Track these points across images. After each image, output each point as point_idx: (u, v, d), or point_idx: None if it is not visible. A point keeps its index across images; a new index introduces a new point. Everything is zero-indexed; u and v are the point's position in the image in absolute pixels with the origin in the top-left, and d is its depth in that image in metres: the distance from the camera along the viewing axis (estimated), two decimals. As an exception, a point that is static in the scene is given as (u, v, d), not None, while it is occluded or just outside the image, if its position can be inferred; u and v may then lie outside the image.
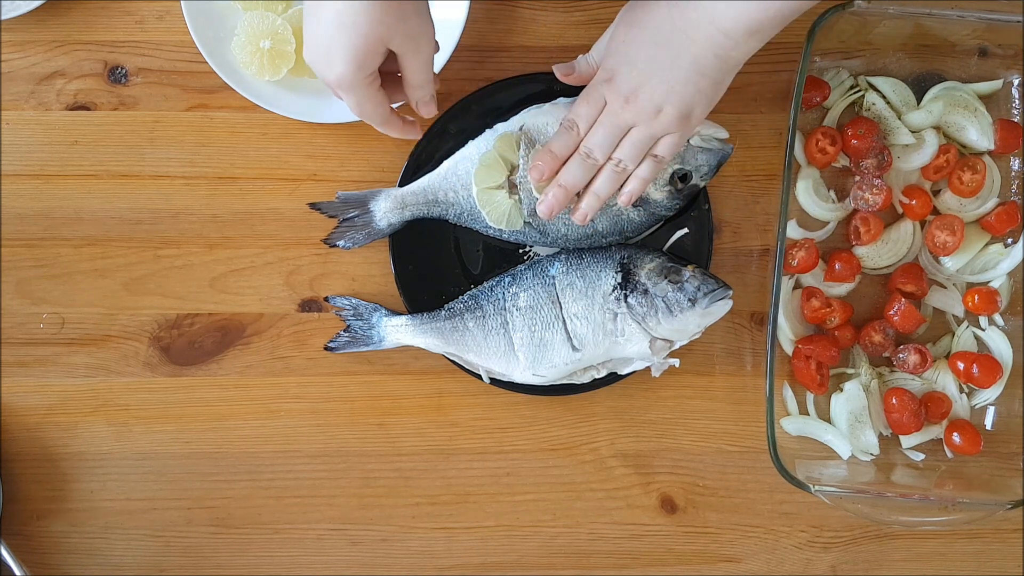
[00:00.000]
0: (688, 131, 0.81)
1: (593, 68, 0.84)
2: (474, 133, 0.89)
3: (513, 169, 0.87)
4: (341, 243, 0.92)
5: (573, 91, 0.89)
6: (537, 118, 0.87)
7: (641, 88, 0.78)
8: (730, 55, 0.76)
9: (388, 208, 0.90)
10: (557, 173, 0.84)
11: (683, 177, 0.88)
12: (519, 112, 0.89)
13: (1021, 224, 0.93)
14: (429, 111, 0.82)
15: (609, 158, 0.82)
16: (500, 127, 0.88)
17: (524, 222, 0.88)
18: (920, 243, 0.94)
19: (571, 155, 0.83)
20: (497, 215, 0.88)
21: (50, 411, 0.94)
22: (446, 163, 0.89)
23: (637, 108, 0.79)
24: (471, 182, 0.87)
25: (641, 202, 0.88)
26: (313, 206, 0.92)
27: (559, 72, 0.85)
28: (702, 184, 0.89)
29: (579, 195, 0.85)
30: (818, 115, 0.95)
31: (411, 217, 0.90)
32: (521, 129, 0.87)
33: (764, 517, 0.95)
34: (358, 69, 0.74)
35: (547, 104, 0.88)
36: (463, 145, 0.89)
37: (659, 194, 0.87)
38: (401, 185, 0.91)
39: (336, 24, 0.72)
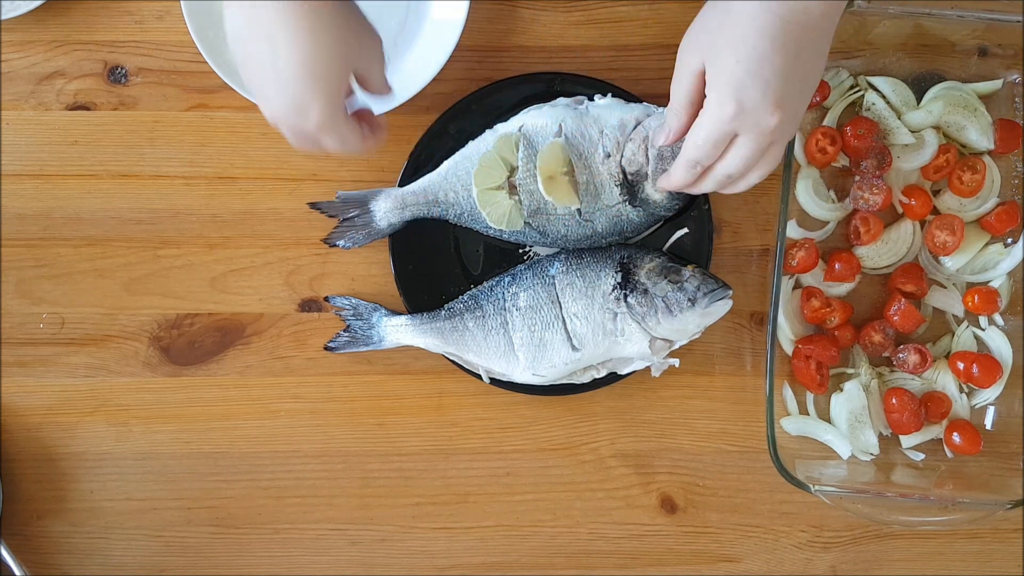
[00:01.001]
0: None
1: (687, 116, 0.77)
2: (474, 133, 0.89)
3: (513, 170, 0.87)
4: (341, 243, 0.92)
5: (573, 91, 0.89)
6: (536, 119, 0.87)
7: (785, 102, 0.70)
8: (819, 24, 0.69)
9: (388, 208, 0.90)
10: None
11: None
12: (519, 112, 0.89)
13: (1021, 224, 0.93)
14: (391, 97, 0.78)
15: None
16: (500, 127, 0.88)
17: (524, 222, 0.88)
18: (920, 243, 0.94)
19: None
20: (497, 216, 0.88)
21: (50, 411, 0.94)
22: (446, 163, 0.89)
23: (783, 126, 0.71)
24: (471, 183, 0.87)
25: (641, 202, 0.88)
26: (313, 206, 0.92)
27: (659, 140, 0.81)
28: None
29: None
30: (818, 115, 0.95)
31: (411, 217, 0.90)
32: (520, 130, 0.87)
33: (764, 517, 0.95)
34: (336, 108, 0.70)
35: (546, 105, 0.88)
36: (463, 145, 0.89)
37: (659, 194, 0.87)
38: (401, 185, 0.91)
39: (302, 74, 0.68)
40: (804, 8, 0.68)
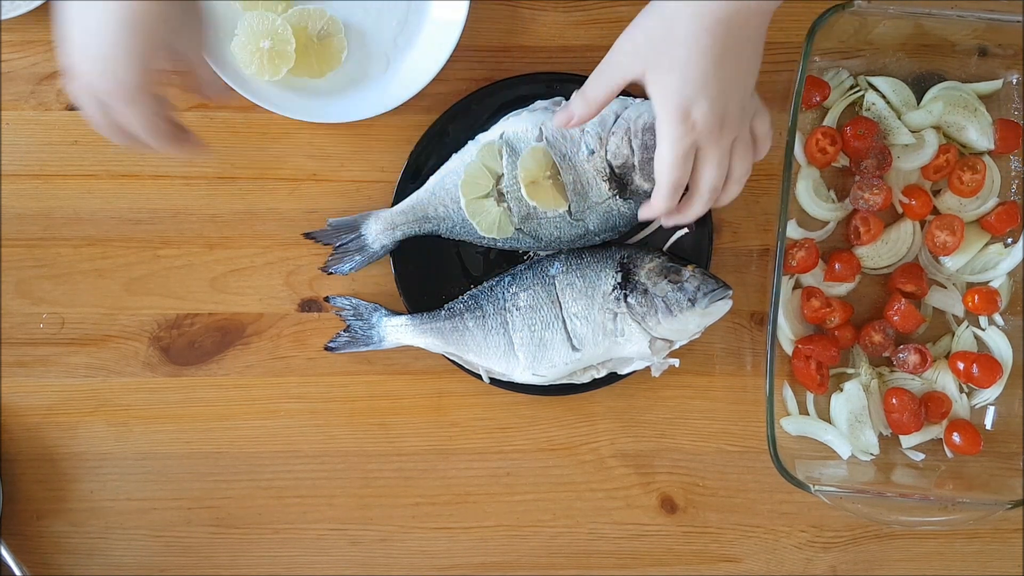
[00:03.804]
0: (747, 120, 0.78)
1: (595, 110, 0.79)
2: (473, 134, 0.89)
3: (498, 178, 0.87)
4: (342, 269, 0.91)
5: (569, 89, 0.89)
6: (516, 125, 0.87)
7: (729, 108, 0.73)
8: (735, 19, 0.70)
9: (379, 230, 0.90)
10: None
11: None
12: (498, 120, 0.89)
13: (1021, 224, 0.93)
14: (228, 97, 0.77)
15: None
16: (481, 138, 0.89)
17: (516, 228, 0.88)
18: (920, 243, 0.94)
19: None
20: (487, 224, 0.88)
21: (50, 411, 0.94)
22: (432, 179, 0.89)
23: (735, 125, 0.75)
24: (458, 195, 0.87)
25: (631, 194, 0.87)
26: (308, 235, 0.92)
27: (558, 122, 0.80)
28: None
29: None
30: (818, 115, 0.95)
31: (403, 236, 0.90)
32: (502, 137, 0.87)
33: (764, 517, 0.95)
34: (145, 73, 0.66)
35: (524, 110, 0.88)
36: (463, 146, 0.89)
37: (649, 184, 0.86)
38: (402, 183, 0.91)
39: (115, 25, 0.63)
40: (740, 17, 0.70)
